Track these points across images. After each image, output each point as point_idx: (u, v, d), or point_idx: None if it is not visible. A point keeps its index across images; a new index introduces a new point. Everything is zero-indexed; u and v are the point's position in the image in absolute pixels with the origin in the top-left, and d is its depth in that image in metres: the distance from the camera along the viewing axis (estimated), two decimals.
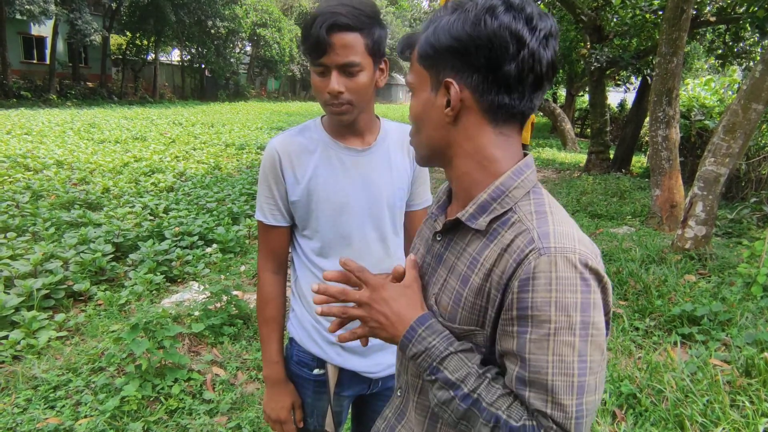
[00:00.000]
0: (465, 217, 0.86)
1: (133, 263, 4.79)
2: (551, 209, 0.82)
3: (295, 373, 1.46)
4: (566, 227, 0.79)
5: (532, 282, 0.73)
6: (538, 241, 0.76)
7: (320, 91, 1.25)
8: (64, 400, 2.72)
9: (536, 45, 0.78)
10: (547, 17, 0.81)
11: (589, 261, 0.75)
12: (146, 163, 9.44)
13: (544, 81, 0.82)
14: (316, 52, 1.19)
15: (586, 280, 0.73)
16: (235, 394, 2.87)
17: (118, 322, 3.61)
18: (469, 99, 0.82)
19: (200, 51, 34.14)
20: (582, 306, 0.72)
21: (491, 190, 0.84)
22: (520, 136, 0.88)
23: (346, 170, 1.34)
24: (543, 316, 0.72)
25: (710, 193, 4.89)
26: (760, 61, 4.77)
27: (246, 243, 5.68)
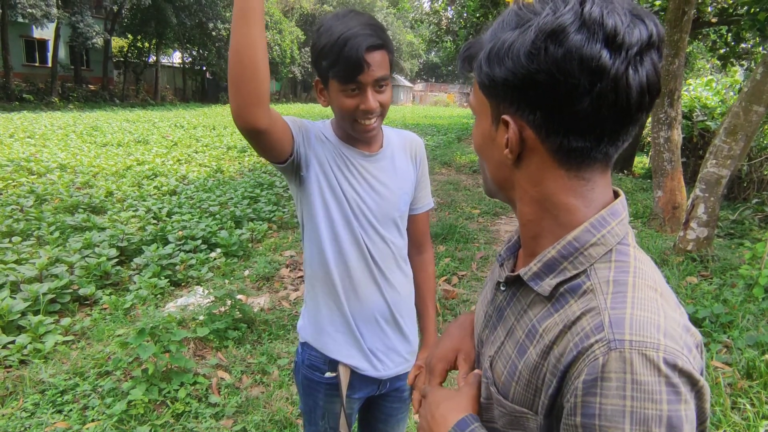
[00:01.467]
0: (527, 276, 0.71)
1: (137, 267, 4.82)
2: (635, 280, 0.64)
3: (306, 377, 1.49)
4: (650, 312, 0.60)
5: (601, 384, 0.57)
6: (609, 330, 0.59)
7: (351, 110, 1.28)
8: (71, 404, 2.75)
9: (622, 69, 0.59)
10: (642, 23, 0.61)
11: (678, 361, 0.57)
12: (149, 167, 9.48)
13: (637, 113, 0.63)
14: (354, 71, 1.22)
15: (674, 387, 0.56)
16: (240, 398, 2.90)
17: (124, 326, 3.63)
18: (532, 139, 0.67)
19: (201, 53, 34.26)
20: (668, 421, 0.56)
21: (561, 245, 0.68)
22: (607, 177, 0.70)
23: (357, 172, 1.39)
24: (614, 429, 0.56)
25: (712, 194, 4.91)
26: (760, 63, 4.79)
27: (249, 246, 5.71)
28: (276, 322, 3.84)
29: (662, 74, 0.65)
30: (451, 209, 7.81)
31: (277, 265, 5.13)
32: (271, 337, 3.65)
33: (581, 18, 0.59)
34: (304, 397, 1.52)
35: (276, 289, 4.63)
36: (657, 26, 0.62)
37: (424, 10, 18.58)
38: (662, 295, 0.63)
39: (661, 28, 0.62)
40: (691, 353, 0.60)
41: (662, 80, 2.67)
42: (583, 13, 0.59)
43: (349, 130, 1.35)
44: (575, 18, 0.60)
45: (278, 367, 3.26)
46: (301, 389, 1.53)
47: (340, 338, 1.44)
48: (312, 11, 47.96)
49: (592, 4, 0.60)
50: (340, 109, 1.30)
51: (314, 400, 1.49)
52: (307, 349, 1.48)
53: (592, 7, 0.60)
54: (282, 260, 5.34)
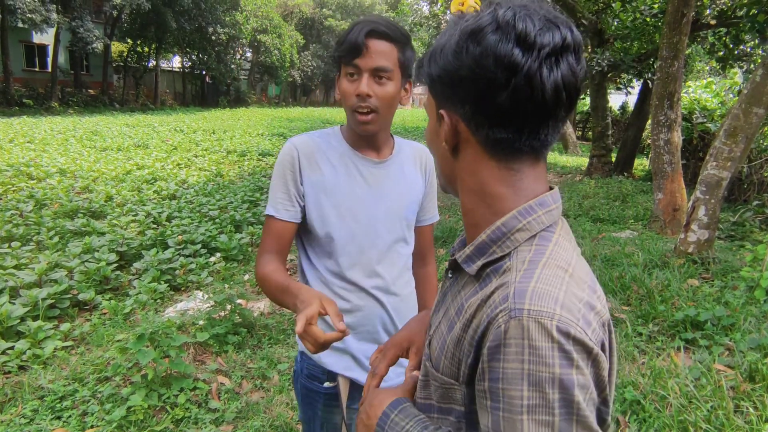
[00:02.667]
0: (461, 259, 0.78)
1: (137, 272, 4.81)
2: (547, 260, 0.69)
3: (305, 387, 1.47)
4: (552, 286, 0.65)
5: (503, 350, 0.62)
6: (511, 300, 0.64)
7: (349, 95, 1.29)
8: (70, 410, 2.73)
9: (535, 67, 0.65)
10: (556, 28, 0.67)
11: (571, 329, 0.62)
12: (148, 171, 9.48)
13: (553, 109, 0.69)
14: (352, 53, 1.25)
15: (566, 353, 0.61)
16: (240, 403, 2.88)
17: (124, 331, 3.62)
18: (465, 131, 0.74)
19: (201, 57, 34.30)
20: (561, 383, 0.60)
21: (491, 230, 0.74)
22: (538, 169, 0.75)
23: (363, 180, 1.37)
24: (514, 391, 0.61)
25: (712, 196, 4.90)
26: (760, 65, 4.79)
27: (249, 251, 5.70)
28: (276, 326, 3.83)
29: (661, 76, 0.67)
30: (451, 212, 7.81)
31: None
32: (271, 341, 3.63)
33: (497, 21, 0.67)
34: (303, 407, 1.50)
35: None
36: (572, 32, 0.68)
37: (423, 14, 18.60)
38: (572, 276, 0.68)
39: (577, 34, 0.69)
40: (589, 327, 0.64)
41: (661, 82, 2.67)
42: (498, 17, 0.67)
43: (351, 122, 1.34)
44: (492, 20, 0.67)
45: (278, 371, 3.25)
46: (300, 398, 1.51)
47: (340, 353, 1.41)
48: (311, 15, 48.07)
49: (507, 9, 0.68)
50: (342, 95, 1.31)
51: (313, 410, 1.47)
52: (305, 359, 1.46)
53: (506, 11, 0.68)
54: None
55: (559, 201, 0.77)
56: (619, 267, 4.88)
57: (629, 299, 4.32)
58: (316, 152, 1.36)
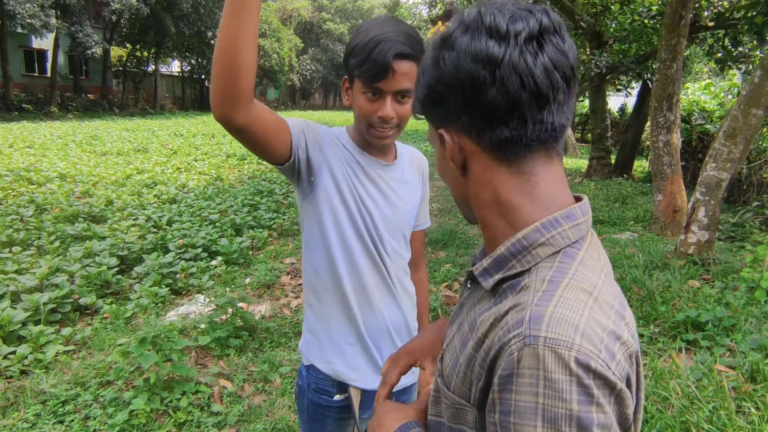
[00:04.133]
0: (478, 272, 0.72)
1: (137, 276, 4.81)
2: (570, 281, 0.63)
3: (313, 402, 1.41)
4: (572, 312, 0.59)
5: (516, 380, 0.58)
6: (527, 325, 0.59)
7: (368, 114, 1.25)
8: (72, 414, 2.73)
9: (516, 54, 0.63)
10: (529, 14, 0.65)
11: (591, 362, 0.56)
12: (148, 175, 9.49)
13: (550, 92, 0.65)
14: (376, 76, 1.20)
15: (585, 388, 0.55)
16: (242, 406, 2.88)
17: (125, 335, 3.62)
18: (468, 144, 0.70)
19: (200, 62, 34.38)
20: (579, 422, 0.55)
21: (510, 243, 0.69)
22: (553, 168, 0.71)
23: (372, 181, 1.36)
24: (527, 427, 0.56)
25: (712, 198, 4.91)
26: (758, 67, 4.81)
27: (249, 254, 5.70)
28: (277, 329, 3.83)
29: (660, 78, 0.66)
30: (450, 215, 7.81)
31: (277, 273, 5.13)
32: (272, 344, 3.63)
33: (463, 22, 0.67)
34: (309, 424, 1.44)
35: (277, 296, 4.61)
36: (548, 15, 0.66)
37: (422, 17, 18.66)
38: (596, 300, 0.62)
39: (555, 16, 0.66)
40: (613, 359, 0.58)
41: (660, 84, 2.63)
42: (463, 19, 0.67)
43: (365, 134, 1.31)
44: (459, 24, 0.67)
45: (280, 374, 3.25)
46: (305, 416, 1.44)
47: (352, 355, 1.38)
48: (310, 19, 48.18)
49: (471, 9, 0.67)
50: (359, 110, 1.27)
51: (321, 426, 1.42)
52: (312, 372, 1.41)
53: (470, 11, 0.67)
54: (282, 267, 5.33)
55: (589, 213, 0.71)
56: (619, 269, 4.89)
57: (630, 301, 4.32)
58: (334, 140, 1.34)
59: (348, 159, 1.34)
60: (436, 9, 18.00)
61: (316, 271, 1.38)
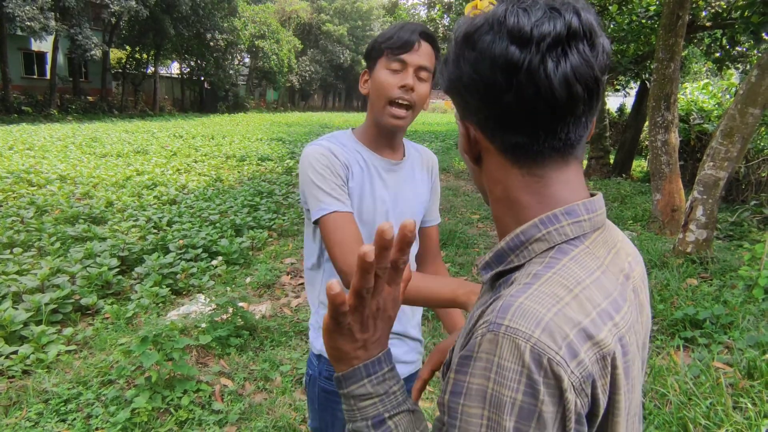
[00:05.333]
0: (480, 266, 0.73)
1: (138, 276, 4.83)
2: (552, 276, 0.61)
3: (325, 390, 1.44)
4: (541, 305, 0.58)
5: (473, 363, 0.58)
6: (494, 314, 0.59)
7: (388, 87, 1.30)
8: (75, 413, 2.75)
9: (536, 62, 0.59)
10: (558, 15, 0.60)
11: (544, 359, 0.55)
12: (148, 177, 9.51)
13: (568, 105, 0.61)
14: (402, 48, 1.29)
15: (532, 383, 0.55)
16: (243, 405, 2.90)
17: (126, 335, 3.65)
18: (483, 140, 0.69)
19: (199, 64, 34.41)
20: (519, 411, 0.55)
21: (510, 238, 0.68)
22: (567, 173, 0.68)
23: (383, 180, 1.39)
24: (475, 409, 0.57)
25: (710, 196, 4.93)
26: (755, 66, 4.84)
27: (249, 254, 5.72)
28: (278, 329, 3.85)
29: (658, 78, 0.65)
30: (450, 215, 7.84)
31: (277, 273, 5.15)
32: (273, 343, 3.65)
33: (488, 20, 0.62)
34: (320, 413, 1.47)
35: (277, 296, 4.64)
36: (580, 17, 0.60)
37: (421, 19, 18.69)
38: (575, 297, 0.60)
39: (587, 18, 0.61)
40: (574, 358, 0.56)
41: (658, 84, 2.65)
42: (490, 16, 0.62)
43: (380, 117, 1.33)
44: (485, 21, 0.62)
45: (281, 373, 3.27)
46: (316, 404, 1.47)
47: None
48: (309, 21, 48.27)
49: (500, 4, 0.62)
50: (380, 86, 1.31)
51: (332, 414, 1.44)
52: (324, 361, 1.44)
53: (498, 7, 0.62)
54: (282, 268, 5.35)
55: (596, 211, 0.69)
56: None
57: None
58: (344, 153, 1.35)
59: (357, 160, 1.37)
60: (435, 10, 18.03)
61: (324, 268, 1.42)
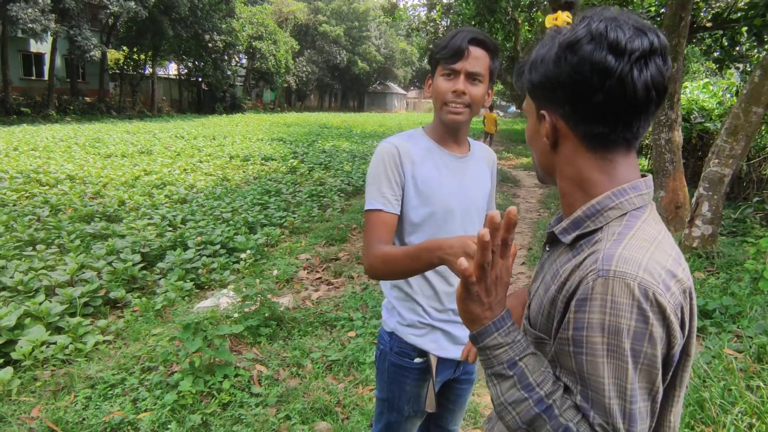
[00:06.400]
0: (558, 231, 0.89)
1: (161, 271, 4.95)
2: (636, 233, 0.80)
3: (396, 364, 1.58)
4: (637, 253, 0.76)
5: (589, 303, 0.74)
6: (600, 262, 0.75)
7: (443, 92, 1.45)
8: (121, 396, 2.87)
9: (627, 70, 0.76)
10: (644, 34, 0.78)
11: (649, 291, 0.72)
12: (156, 176, 9.62)
13: (644, 105, 0.79)
14: (453, 57, 1.42)
15: (642, 311, 0.72)
16: (280, 389, 3.03)
17: (157, 326, 3.77)
18: (564, 128, 0.85)
19: (197, 64, 34.46)
20: (634, 334, 0.72)
21: (586, 207, 0.85)
22: (630, 158, 0.86)
23: (450, 173, 1.53)
24: (597, 337, 0.73)
25: (715, 193, 5.10)
26: (758, 66, 5.01)
27: (265, 250, 5.85)
28: (303, 319, 3.98)
29: None
30: None
31: (294, 268, 5.28)
32: (300, 333, 3.78)
33: (591, 33, 0.78)
34: (389, 384, 1.59)
35: (297, 290, 4.76)
36: (659, 38, 0.78)
37: (421, 19, 18.83)
38: (657, 246, 0.78)
39: (663, 39, 0.79)
40: (668, 291, 0.74)
41: None
42: (592, 29, 0.78)
43: (440, 115, 1.49)
44: (586, 33, 0.78)
45: (311, 360, 3.40)
46: (386, 376, 1.59)
47: (433, 329, 1.54)
48: (306, 21, 48.37)
49: (599, 21, 0.79)
50: (437, 91, 1.47)
51: (401, 386, 1.57)
52: (395, 338, 1.57)
53: (599, 24, 0.78)
54: (298, 263, 5.48)
55: (651, 187, 0.87)
56: None
57: None
58: (411, 150, 1.50)
59: (427, 155, 1.51)
60: (435, 11, 18.20)
61: None
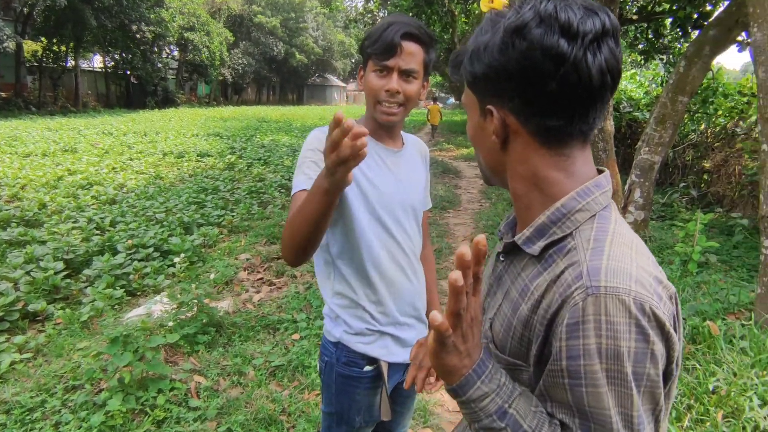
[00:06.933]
0: (521, 241, 0.79)
1: (88, 279, 4.61)
2: (613, 238, 0.72)
3: (344, 375, 1.46)
4: (623, 263, 0.68)
5: (582, 326, 0.65)
6: (587, 278, 0.66)
7: (376, 90, 1.35)
8: (41, 421, 2.62)
9: (580, 54, 0.68)
10: (595, 14, 0.69)
11: (646, 305, 0.65)
12: (82, 176, 9.02)
13: (600, 91, 0.71)
14: (385, 53, 1.31)
15: (641, 328, 0.64)
16: (220, 400, 2.86)
17: (84, 339, 3.49)
18: (514, 123, 0.76)
19: (125, 57, 32.72)
20: (635, 356, 0.64)
21: (551, 212, 0.76)
22: (587, 152, 0.79)
23: (387, 167, 1.43)
24: (596, 365, 0.64)
25: (646, 180, 5.29)
26: (683, 57, 5.21)
27: (202, 252, 5.58)
28: (244, 324, 3.80)
29: None
30: None
31: (234, 269, 5.06)
32: (241, 339, 3.61)
33: (539, 15, 0.69)
34: (337, 396, 1.49)
35: (237, 292, 4.56)
36: (610, 17, 0.70)
37: (358, 10, 18.66)
38: (637, 251, 0.72)
39: (614, 19, 0.71)
40: (661, 300, 0.67)
41: None
42: (539, 11, 0.69)
43: (374, 113, 1.39)
44: (534, 15, 0.69)
45: (254, 367, 3.24)
46: (333, 389, 1.48)
47: (381, 335, 1.45)
48: (240, 12, 47.01)
49: (547, 2, 0.70)
50: (369, 88, 1.37)
51: (350, 397, 1.47)
52: (341, 347, 1.46)
53: (547, 5, 0.70)
54: (238, 264, 5.26)
55: (611, 182, 0.81)
56: None
57: None
58: None
59: None
60: (371, 2, 18.05)
61: (339, 258, 1.43)
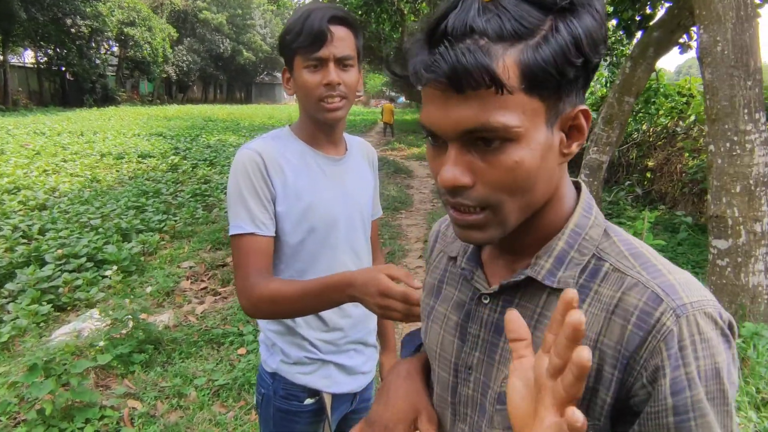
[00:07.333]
0: (541, 276, 0.64)
1: (10, 294, 4.22)
2: (644, 248, 0.64)
3: (282, 409, 1.33)
4: (680, 272, 0.61)
5: (681, 354, 0.55)
6: (668, 299, 0.57)
7: (313, 87, 1.19)
8: None
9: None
10: None
11: (719, 310, 0.58)
12: (8, 180, 8.39)
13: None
14: (314, 44, 1.16)
15: (726, 337, 0.58)
16: (157, 427, 2.63)
17: (3, 363, 3.16)
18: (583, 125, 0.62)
19: (59, 52, 31.04)
20: (728, 368, 0.57)
21: (567, 235, 0.64)
22: None
23: (327, 179, 1.28)
24: (699, 393, 0.55)
25: (595, 179, 5.34)
26: (628, 59, 5.29)
27: (141, 261, 5.25)
28: (185, 339, 3.56)
29: None
30: None
31: (176, 278, 4.78)
32: (182, 356, 3.36)
33: None
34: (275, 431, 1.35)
35: (179, 303, 4.29)
36: None
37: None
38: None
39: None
40: None
41: None
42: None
43: (315, 113, 1.23)
44: None
45: (195, 387, 3.01)
46: (271, 424, 1.35)
47: (323, 363, 1.31)
48: (184, 7, 45.57)
49: None
50: (304, 87, 1.21)
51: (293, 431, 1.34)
52: (279, 379, 1.32)
53: None
54: (180, 272, 4.98)
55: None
56: None
57: None
58: (278, 156, 1.23)
59: (299, 160, 1.26)
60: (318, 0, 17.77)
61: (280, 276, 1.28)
